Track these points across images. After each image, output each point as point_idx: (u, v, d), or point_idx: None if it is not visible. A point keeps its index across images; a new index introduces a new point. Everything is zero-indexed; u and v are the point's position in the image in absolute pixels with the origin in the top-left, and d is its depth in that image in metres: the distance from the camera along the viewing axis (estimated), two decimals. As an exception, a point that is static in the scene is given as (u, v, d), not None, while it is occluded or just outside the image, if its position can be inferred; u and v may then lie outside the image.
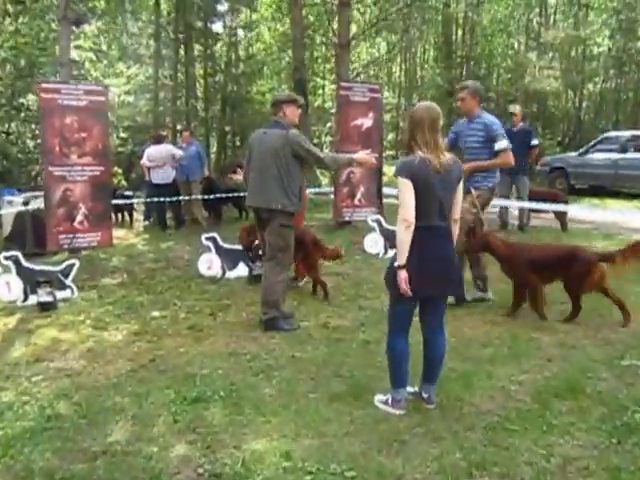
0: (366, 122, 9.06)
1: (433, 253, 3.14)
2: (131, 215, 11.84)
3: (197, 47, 18.31)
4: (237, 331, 4.84)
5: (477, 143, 5.29)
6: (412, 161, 3.09)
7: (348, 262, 7.35)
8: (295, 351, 4.35)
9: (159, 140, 10.87)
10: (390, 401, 3.38)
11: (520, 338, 4.51)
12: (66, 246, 7.83)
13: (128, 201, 11.17)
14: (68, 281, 6.09)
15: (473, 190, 5.15)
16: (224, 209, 11.50)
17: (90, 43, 13.03)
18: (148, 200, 10.84)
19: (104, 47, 17.70)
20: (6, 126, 12.39)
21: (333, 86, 27.14)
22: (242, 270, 6.74)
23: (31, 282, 5.79)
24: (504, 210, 9.44)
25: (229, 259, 6.78)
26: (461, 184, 3.26)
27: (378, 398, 3.46)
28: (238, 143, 19.98)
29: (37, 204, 8.27)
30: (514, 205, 9.32)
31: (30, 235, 8.51)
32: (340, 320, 5.01)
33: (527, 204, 8.90)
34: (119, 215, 11.78)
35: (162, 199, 10.31)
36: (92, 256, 7.96)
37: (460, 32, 25.70)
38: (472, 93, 5.31)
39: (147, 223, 11.56)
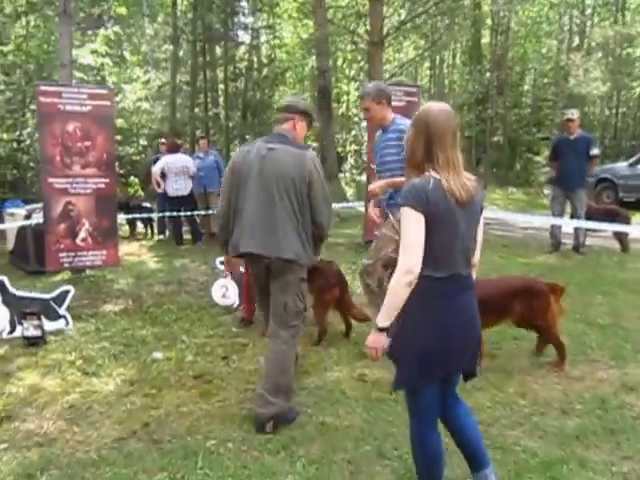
0: (401, 129, 8.15)
1: (457, 313, 2.32)
2: (151, 227, 11.20)
3: (217, 50, 17.61)
4: (254, 383, 3.98)
5: (393, 155, 4.24)
6: (425, 185, 2.21)
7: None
8: (326, 416, 3.47)
9: (175, 149, 10.12)
10: None
11: (609, 402, 3.58)
12: (67, 265, 7.07)
13: (142, 215, 10.49)
14: (62, 310, 5.31)
15: (390, 214, 4.24)
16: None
17: (107, 48, 12.34)
18: (161, 214, 10.12)
19: (123, 52, 17.18)
20: (17, 133, 11.78)
21: (358, 93, 26.43)
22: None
23: (18, 311, 5.03)
24: (557, 228, 8.45)
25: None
26: (483, 214, 2.43)
27: None
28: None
29: (39, 218, 7.56)
30: (569, 224, 8.32)
31: (32, 251, 7.83)
32: (379, 371, 4.06)
33: (584, 223, 7.88)
34: (135, 227, 11.27)
35: (178, 212, 9.60)
36: (96, 277, 7.20)
37: (490, 34, 24.73)
38: (375, 98, 4.24)
39: (162, 237, 10.83)
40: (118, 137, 12.10)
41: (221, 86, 18.11)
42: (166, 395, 3.81)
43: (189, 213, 9.69)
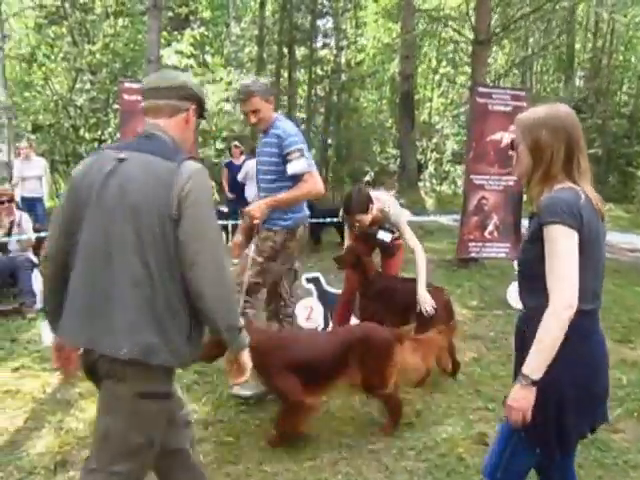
0: (506, 137, 7.32)
1: (599, 356, 1.94)
2: (226, 232, 10.84)
3: (302, 51, 17.20)
4: (349, 436, 3.30)
5: (271, 165, 3.56)
6: (576, 200, 1.83)
7: (484, 317, 5.66)
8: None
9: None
10: None
11: None
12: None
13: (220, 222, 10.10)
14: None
15: (263, 231, 3.57)
16: (323, 232, 10.10)
17: (192, 49, 12.12)
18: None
19: (206, 54, 17.07)
20: (99, 133, 11.72)
21: (441, 99, 25.43)
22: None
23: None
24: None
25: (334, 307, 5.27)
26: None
27: None
28: (340, 157, 18.65)
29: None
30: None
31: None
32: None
33: None
34: None
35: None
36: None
37: (584, 39, 23.16)
38: (264, 95, 3.50)
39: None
40: (199, 139, 11.79)
41: (304, 88, 17.69)
42: (245, 446, 3.20)
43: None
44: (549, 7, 12.07)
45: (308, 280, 5.37)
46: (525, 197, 7.90)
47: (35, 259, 5.88)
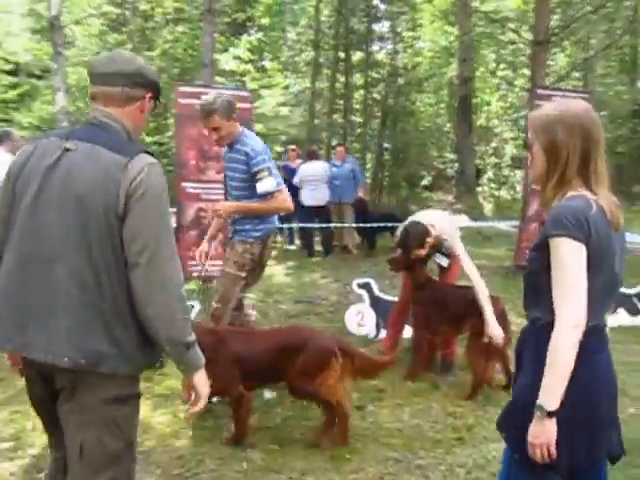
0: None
1: (608, 380, 1.76)
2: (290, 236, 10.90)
3: (358, 55, 17.13)
4: (395, 449, 3.19)
5: (240, 181, 3.64)
6: (586, 210, 1.65)
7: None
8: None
9: (314, 156, 9.64)
10: None
11: None
12: (196, 274, 6.74)
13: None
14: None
15: (236, 244, 3.68)
16: (378, 237, 9.98)
17: (249, 54, 12.29)
18: (286, 225, 9.75)
19: (264, 59, 17.25)
20: (158, 137, 11.99)
21: (500, 103, 24.78)
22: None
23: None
24: None
25: (387, 315, 5.12)
26: None
27: None
28: (396, 161, 18.41)
29: (172, 223, 7.37)
30: None
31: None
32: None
33: None
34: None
35: (311, 223, 9.15)
36: (223, 289, 6.78)
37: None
38: (225, 114, 3.53)
39: (293, 247, 10.40)
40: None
41: (361, 92, 17.61)
42: (290, 454, 3.13)
43: (324, 225, 9.19)
44: (612, 6, 11.54)
45: (360, 285, 5.28)
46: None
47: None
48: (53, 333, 1.67)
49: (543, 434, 1.63)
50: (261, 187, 3.53)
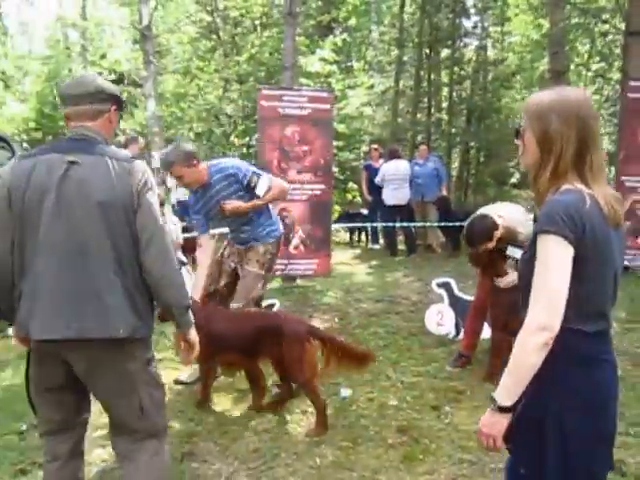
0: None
1: (615, 386, 1.67)
2: (366, 235, 10.96)
3: (443, 53, 16.81)
4: (470, 452, 3.13)
5: (239, 198, 3.85)
6: (579, 205, 1.54)
7: (632, 332, 5.10)
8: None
9: (397, 155, 9.59)
10: None
11: None
12: (279, 273, 6.91)
13: (357, 224, 10.22)
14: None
15: (258, 246, 3.99)
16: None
17: (334, 55, 12.37)
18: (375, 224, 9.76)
19: (349, 59, 17.31)
20: (247, 139, 12.35)
21: (595, 97, 23.48)
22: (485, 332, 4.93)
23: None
24: None
25: (466, 314, 5.03)
26: None
27: None
28: (482, 159, 17.89)
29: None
30: None
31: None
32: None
33: None
34: (354, 236, 11.16)
35: (393, 222, 9.12)
36: (306, 287, 6.90)
37: None
38: (185, 162, 3.67)
39: (377, 247, 10.41)
40: (340, 143, 11.98)
41: (446, 90, 17.28)
42: (362, 452, 3.15)
43: (405, 224, 9.13)
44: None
45: (439, 285, 5.22)
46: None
47: (184, 258, 6.31)
48: (105, 314, 2.01)
49: (492, 426, 1.61)
50: (261, 189, 3.83)
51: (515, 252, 4.05)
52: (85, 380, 2.14)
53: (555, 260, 1.53)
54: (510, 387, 1.58)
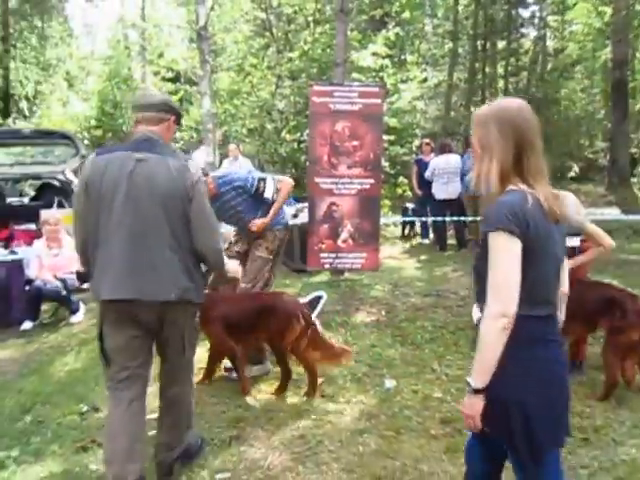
0: None
1: (564, 363, 1.97)
2: (417, 229, 10.93)
3: (498, 45, 16.44)
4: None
5: (249, 208, 4.21)
6: (522, 204, 1.76)
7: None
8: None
9: (447, 149, 9.51)
10: None
11: None
12: (327, 266, 7.00)
13: (407, 218, 10.19)
14: (313, 316, 5.12)
15: (267, 233, 4.30)
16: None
17: (387, 49, 12.33)
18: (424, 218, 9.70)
19: (402, 53, 17.20)
20: (298, 134, 12.47)
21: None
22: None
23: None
24: None
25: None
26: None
27: None
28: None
29: (305, 217, 7.70)
30: None
31: (297, 249, 8.06)
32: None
33: None
34: (405, 229, 11.10)
35: (443, 216, 9.06)
36: (354, 281, 6.97)
37: None
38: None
39: (427, 242, 10.35)
40: (391, 137, 11.95)
41: (501, 82, 16.92)
42: (405, 442, 3.21)
43: (455, 218, 9.05)
44: None
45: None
46: None
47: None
48: (159, 280, 2.58)
49: (471, 407, 1.81)
50: (269, 192, 4.18)
51: (570, 241, 3.88)
52: (148, 331, 2.68)
53: (503, 254, 1.73)
54: (479, 371, 1.78)
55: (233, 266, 3.26)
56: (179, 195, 2.58)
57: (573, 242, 4.00)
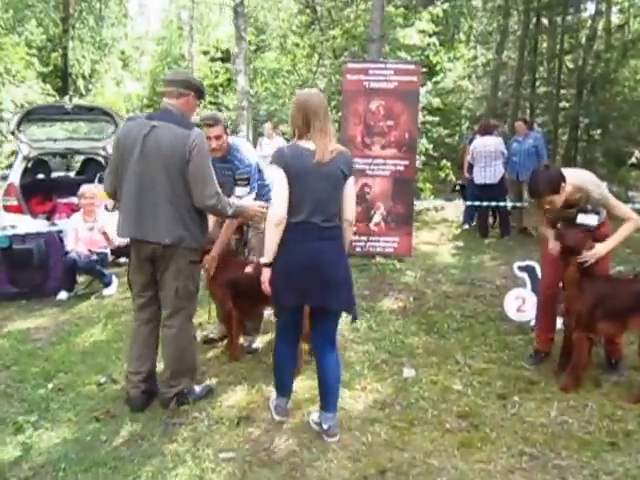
0: None
1: (299, 253, 2.85)
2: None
3: (552, 20, 15.64)
4: (533, 444, 2.96)
5: (252, 178, 4.02)
6: (290, 150, 2.88)
7: None
8: None
9: (488, 130, 9.14)
10: (274, 405, 3.24)
11: None
12: (359, 250, 6.87)
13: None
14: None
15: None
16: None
17: (433, 27, 11.91)
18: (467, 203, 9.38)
19: (452, 30, 16.67)
20: (338, 114, 12.24)
21: None
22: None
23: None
24: None
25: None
26: (351, 180, 2.92)
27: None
28: (596, 137, 16.34)
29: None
30: None
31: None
32: None
33: None
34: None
35: (482, 201, 8.72)
36: (385, 265, 6.77)
37: None
38: (224, 126, 4.02)
39: (467, 227, 10.01)
40: (435, 118, 11.58)
41: (554, 61, 16.13)
42: (417, 434, 3.08)
43: (494, 203, 8.69)
44: None
45: (520, 268, 4.93)
46: None
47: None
48: (157, 227, 3.11)
49: (264, 276, 2.93)
50: (240, 192, 3.95)
51: (589, 219, 3.61)
52: (154, 266, 3.24)
53: (277, 179, 2.83)
54: (266, 250, 2.88)
55: (252, 206, 3.60)
56: (178, 157, 3.07)
57: (589, 220, 3.65)
